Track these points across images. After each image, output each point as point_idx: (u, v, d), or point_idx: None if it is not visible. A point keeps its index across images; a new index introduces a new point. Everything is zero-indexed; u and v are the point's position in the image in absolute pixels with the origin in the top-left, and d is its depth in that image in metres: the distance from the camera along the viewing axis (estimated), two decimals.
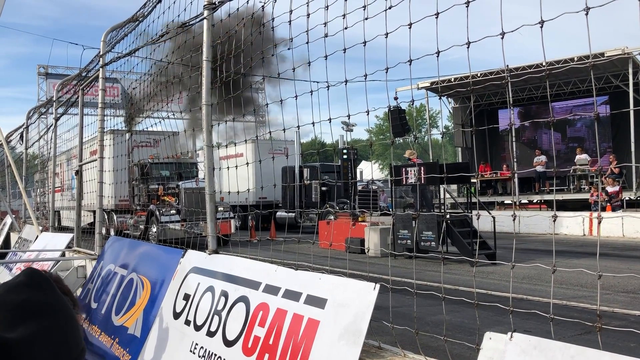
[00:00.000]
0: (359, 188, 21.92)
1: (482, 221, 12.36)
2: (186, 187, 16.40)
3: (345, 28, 3.05)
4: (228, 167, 4.64)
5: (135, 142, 17.62)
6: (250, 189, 16.16)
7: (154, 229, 16.24)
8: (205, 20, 4.26)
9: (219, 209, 16.17)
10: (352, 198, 19.49)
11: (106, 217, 19.27)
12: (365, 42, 2.94)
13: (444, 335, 2.60)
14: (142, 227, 17.03)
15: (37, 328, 1.13)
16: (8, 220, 14.32)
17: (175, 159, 17.32)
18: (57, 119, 10.15)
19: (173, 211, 16.35)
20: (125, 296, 4.64)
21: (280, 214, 21.66)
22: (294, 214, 20.68)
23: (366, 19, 2.91)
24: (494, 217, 11.59)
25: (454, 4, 2.42)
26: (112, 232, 18.10)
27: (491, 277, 9.63)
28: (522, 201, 22.69)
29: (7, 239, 13.68)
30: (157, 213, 16.39)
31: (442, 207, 13.67)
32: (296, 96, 3.58)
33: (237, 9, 4.07)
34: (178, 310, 3.86)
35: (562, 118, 24.10)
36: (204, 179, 4.68)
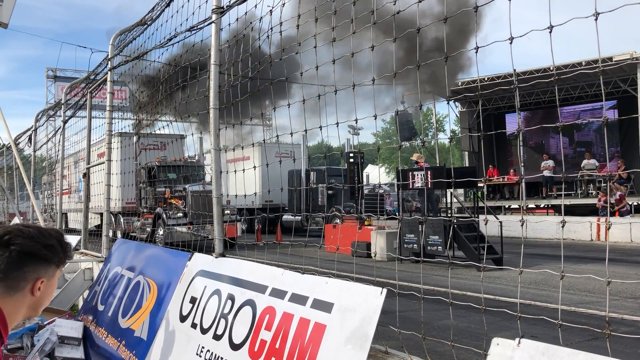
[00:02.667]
0: (365, 192, 21.89)
1: (489, 226, 12.32)
2: (193, 190, 16.41)
3: (354, 32, 3.06)
4: (235, 171, 4.65)
5: (142, 145, 17.68)
6: (256, 192, 16.12)
7: (161, 232, 16.26)
8: (213, 24, 4.28)
9: (226, 212, 16.15)
10: (358, 202, 19.48)
11: (113, 219, 19.34)
12: (373, 47, 2.95)
13: (451, 340, 2.59)
14: (148, 229, 17.06)
15: None
16: (16, 222, 14.40)
17: (183, 162, 17.36)
18: (65, 122, 10.21)
19: (180, 214, 16.36)
20: (132, 299, 4.65)
21: (287, 217, 21.66)
22: (300, 218, 20.68)
23: (374, 23, 2.92)
24: (500, 222, 11.55)
25: (462, 9, 2.42)
26: (118, 235, 18.17)
27: (498, 282, 9.59)
28: (529, 206, 22.58)
29: None
30: (164, 216, 16.41)
31: (449, 211, 13.63)
32: (304, 100, 3.59)
33: (245, 13, 4.09)
34: (184, 313, 3.87)
35: (571, 123, 23.98)
36: (210, 182, 4.69)
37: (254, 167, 4.57)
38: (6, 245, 1.72)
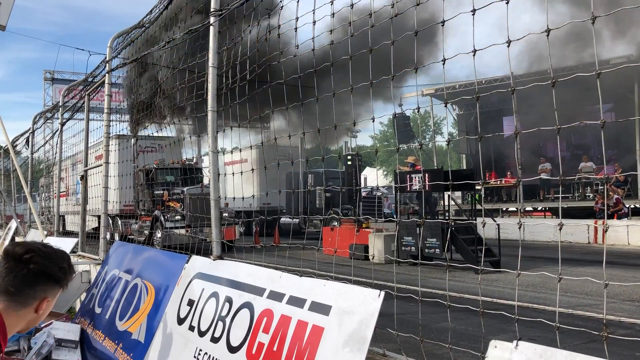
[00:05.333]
0: (363, 194, 21.88)
1: (486, 228, 12.36)
2: (191, 192, 16.37)
3: (352, 35, 3.06)
4: (233, 173, 4.65)
5: (140, 147, 17.62)
6: (254, 194, 16.09)
7: (159, 234, 16.22)
8: (211, 27, 4.28)
9: (224, 214, 16.09)
10: (356, 204, 19.47)
11: (111, 222, 19.29)
12: (371, 50, 2.95)
13: (449, 343, 2.59)
14: (146, 232, 17.01)
15: None
16: (13, 224, 14.35)
17: (181, 164, 17.32)
18: (62, 124, 10.20)
19: (178, 217, 16.31)
20: (130, 301, 4.64)
21: (285, 219, 21.63)
22: (298, 220, 20.66)
23: (372, 26, 2.92)
24: (498, 225, 11.56)
25: (460, 12, 2.43)
26: (116, 237, 18.13)
27: (495, 284, 9.60)
28: (527, 208, 22.60)
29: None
30: (162, 218, 16.36)
31: (447, 214, 13.65)
32: (302, 103, 3.59)
33: (244, 15, 4.09)
34: (182, 315, 3.86)
35: (568, 126, 23.96)
36: (208, 184, 4.69)
37: (252, 169, 4.56)
38: (26, 263, 1.77)
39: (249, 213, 21.67)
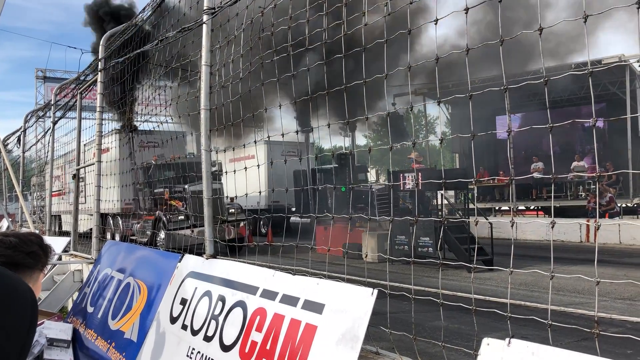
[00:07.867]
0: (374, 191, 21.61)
1: (479, 227, 12.40)
2: (193, 189, 15.63)
3: (345, 34, 3.06)
4: (235, 170, 4.62)
5: (142, 143, 16.99)
6: (262, 191, 15.73)
7: (162, 235, 15.69)
8: (204, 25, 4.27)
9: (230, 210, 15.85)
10: (349, 203, 19.27)
11: (111, 221, 19.05)
12: (364, 48, 2.95)
13: (442, 341, 2.59)
14: (148, 232, 16.45)
15: None
16: (4, 223, 14.27)
17: (181, 160, 16.81)
18: (54, 123, 10.14)
19: (181, 217, 15.70)
20: (122, 300, 4.62)
21: (294, 219, 21.22)
22: (308, 219, 20.19)
23: (366, 24, 2.92)
24: (491, 224, 11.60)
25: (452, 11, 2.43)
26: (117, 237, 17.78)
27: (488, 283, 9.63)
28: (519, 208, 22.67)
29: None
30: (165, 219, 15.88)
31: (440, 213, 13.67)
32: (295, 101, 3.59)
33: (237, 14, 4.08)
34: (175, 314, 3.85)
35: (559, 125, 24.06)
36: (214, 180, 4.65)
37: (257, 165, 4.47)
38: None
39: (256, 211, 21.19)
